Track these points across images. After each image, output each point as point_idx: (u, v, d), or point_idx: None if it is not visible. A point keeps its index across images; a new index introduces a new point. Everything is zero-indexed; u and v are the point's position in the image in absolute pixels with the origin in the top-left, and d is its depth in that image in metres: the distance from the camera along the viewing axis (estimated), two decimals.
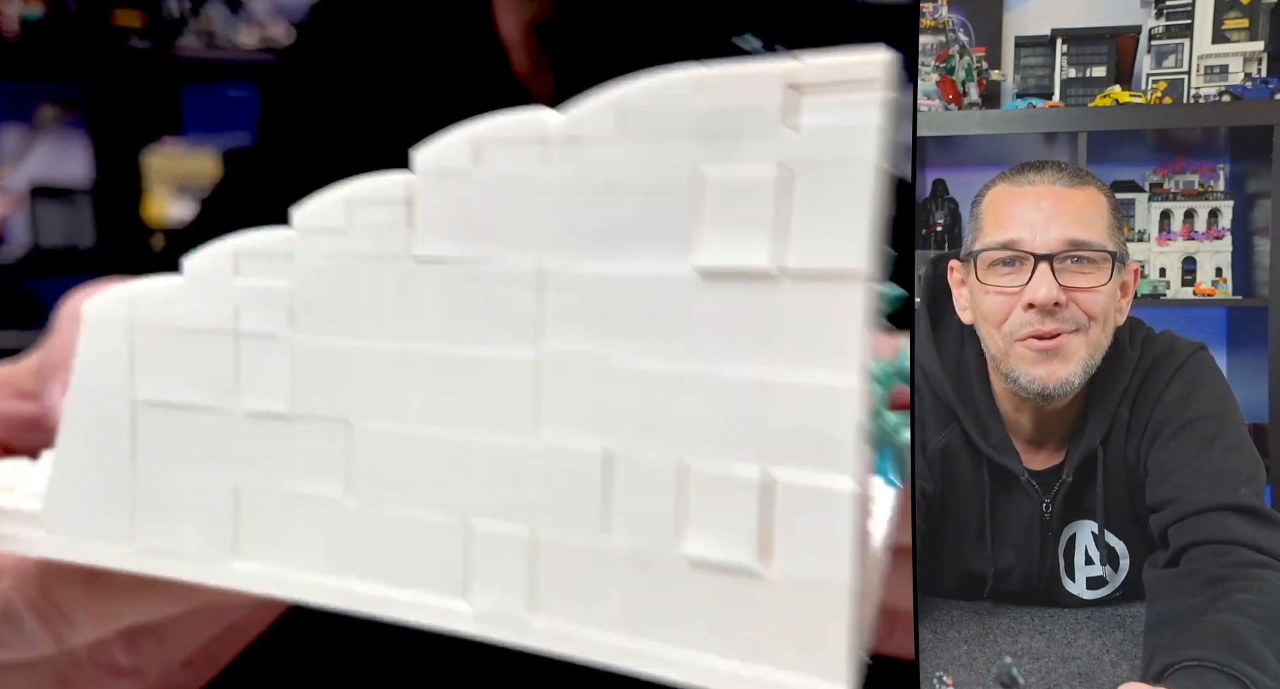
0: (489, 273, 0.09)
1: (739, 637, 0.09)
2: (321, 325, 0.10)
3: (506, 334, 0.09)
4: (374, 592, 0.10)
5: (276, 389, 0.10)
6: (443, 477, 0.10)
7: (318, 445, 0.10)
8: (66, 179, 1.64)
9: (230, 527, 0.11)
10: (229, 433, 0.11)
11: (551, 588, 0.09)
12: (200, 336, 0.11)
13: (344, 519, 0.10)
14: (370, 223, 0.10)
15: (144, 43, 1.58)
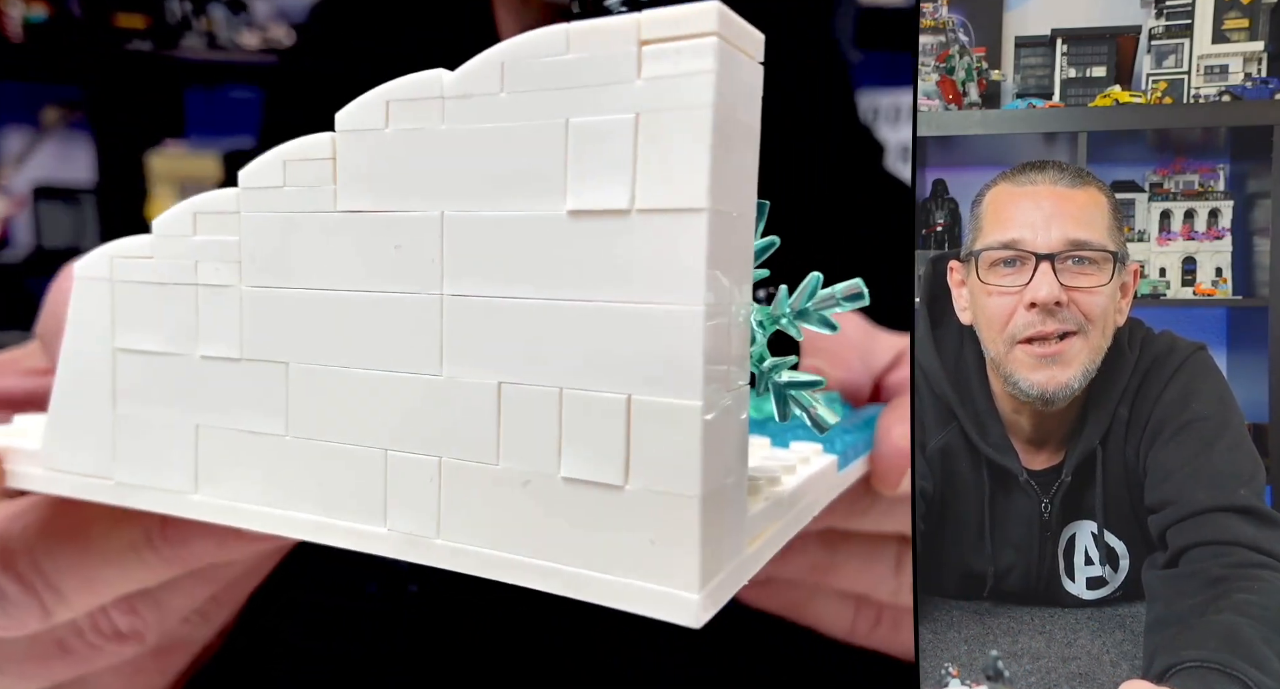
0: (399, 221, 0.10)
1: (608, 550, 0.09)
2: (263, 275, 0.11)
3: (414, 278, 0.10)
4: (310, 519, 0.11)
5: (228, 335, 0.11)
6: (364, 412, 0.11)
7: (262, 386, 0.11)
8: (70, 180, 1.64)
9: (192, 462, 0.12)
10: (189, 376, 0.12)
11: (453, 511, 0.10)
12: (166, 289, 0.12)
13: (284, 453, 0.11)
14: (302, 179, 0.11)
15: (147, 45, 1.57)
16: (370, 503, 0.11)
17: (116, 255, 0.12)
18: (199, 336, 0.12)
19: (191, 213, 0.12)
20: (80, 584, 0.14)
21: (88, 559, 0.14)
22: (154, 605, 0.15)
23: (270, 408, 0.11)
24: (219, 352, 0.11)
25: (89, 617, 0.15)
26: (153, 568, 0.14)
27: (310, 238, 0.11)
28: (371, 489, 0.11)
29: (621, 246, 0.09)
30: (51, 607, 0.14)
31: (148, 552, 0.14)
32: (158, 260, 0.12)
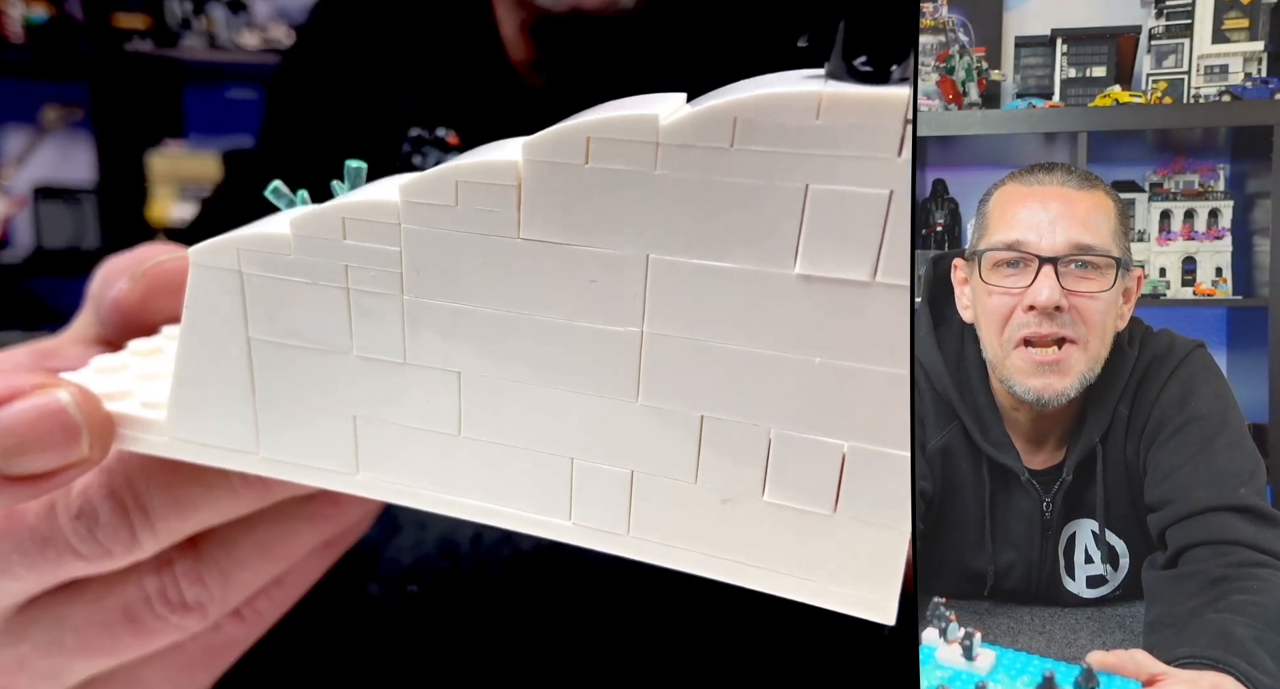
0: (595, 257, 0.10)
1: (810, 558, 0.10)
2: (430, 289, 0.11)
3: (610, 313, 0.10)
4: (486, 506, 0.11)
5: (388, 341, 0.11)
6: (549, 424, 0.11)
7: (430, 390, 0.11)
8: (70, 180, 1.65)
9: (351, 447, 0.12)
10: (343, 373, 0.12)
11: (644, 514, 0.11)
12: (313, 288, 0.11)
13: (456, 449, 0.11)
14: (478, 204, 0.11)
15: (147, 45, 1.59)
16: (553, 500, 0.11)
17: (246, 248, 0.12)
18: (353, 337, 0.11)
19: (339, 217, 0.11)
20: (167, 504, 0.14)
21: (177, 478, 0.14)
22: (220, 578, 0.15)
23: (440, 410, 0.11)
24: (378, 354, 0.11)
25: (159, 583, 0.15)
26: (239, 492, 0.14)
27: (486, 260, 0.11)
28: (555, 489, 0.11)
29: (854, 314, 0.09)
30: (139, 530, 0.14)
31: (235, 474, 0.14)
32: (299, 257, 0.11)
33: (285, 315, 0.12)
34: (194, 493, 0.14)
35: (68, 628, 0.15)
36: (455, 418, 0.11)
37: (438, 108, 0.39)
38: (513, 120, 0.41)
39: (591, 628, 0.28)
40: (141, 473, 0.14)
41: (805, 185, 0.09)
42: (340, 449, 0.12)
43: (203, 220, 0.47)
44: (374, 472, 0.12)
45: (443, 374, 0.11)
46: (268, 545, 0.16)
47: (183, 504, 0.14)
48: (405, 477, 0.12)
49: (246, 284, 0.12)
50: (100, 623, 0.15)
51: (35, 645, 0.15)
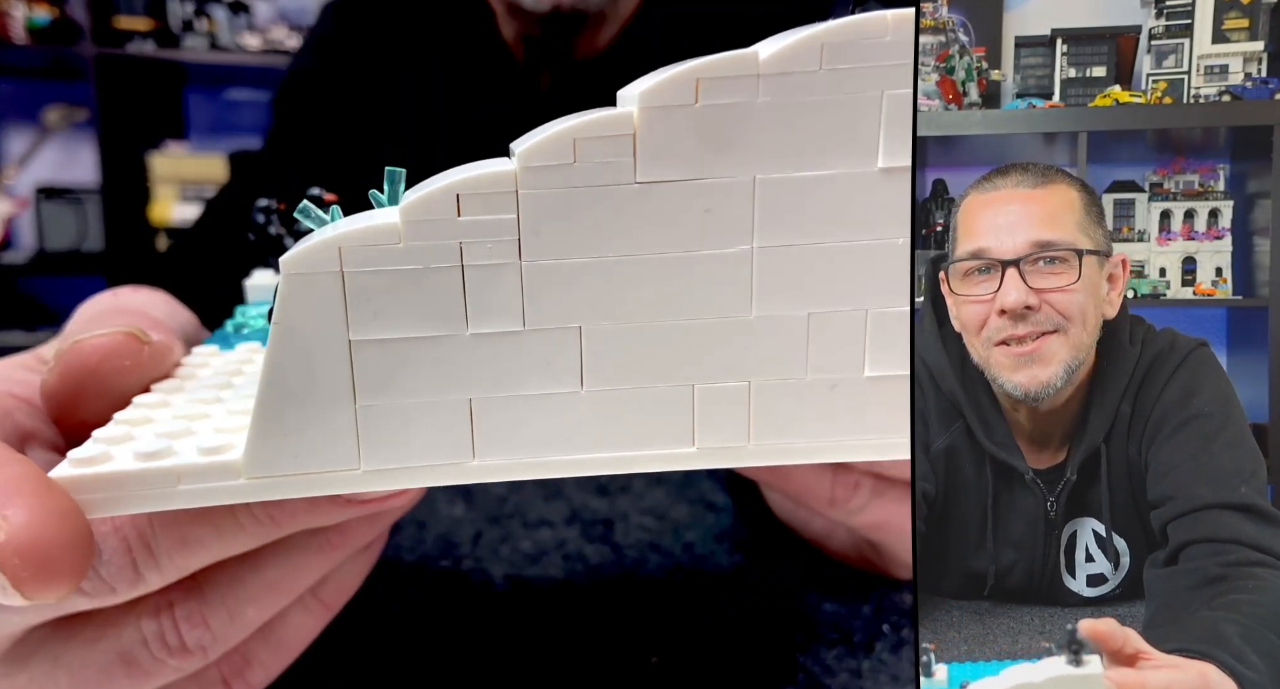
0: (706, 187, 0.12)
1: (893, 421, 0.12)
2: (549, 249, 0.12)
3: (722, 237, 0.12)
4: (612, 456, 0.12)
5: (507, 310, 0.12)
6: (669, 357, 0.12)
7: (551, 352, 0.12)
8: (72, 181, 1.66)
9: (466, 433, 0.12)
10: (457, 355, 0.12)
11: (762, 422, 0.12)
12: (422, 274, 0.12)
13: (578, 407, 0.12)
14: (596, 156, 0.12)
15: (149, 46, 1.59)
16: (678, 430, 0.12)
17: (346, 245, 0.12)
18: (468, 316, 0.12)
19: (454, 194, 0.12)
20: (172, 542, 0.14)
21: (182, 516, 0.14)
22: (226, 618, 0.15)
23: (562, 370, 0.12)
24: (495, 327, 0.12)
25: (157, 626, 0.15)
26: (246, 527, 0.14)
27: (605, 209, 0.12)
28: (679, 418, 0.12)
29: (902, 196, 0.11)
30: (142, 567, 0.14)
31: (242, 510, 0.14)
32: (410, 244, 0.12)
33: (393, 308, 0.12)
34: (201, 532, 0.14)
35: (63, 666, 0.15)
36: (577, 375, 0.12)
37: (438, 108, 0.39)
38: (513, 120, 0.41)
39: (591, 627, 0.28)
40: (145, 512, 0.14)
41: (882, 92, 0.11)
42: (454, 439, 0.12)
43: (206, 220, 0.47)
44: (491, 454, 0.12)
45: (563, 333, 0.12)
46: (274, 582, 0.15)
47: (189, 542, 0.14)
48: (528, 449, 0.12)
49: (349, 283, 0.12)
50: (96, 665, 0.15)
51: (32, 678, 0.15)
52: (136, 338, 0.15)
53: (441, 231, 0.12)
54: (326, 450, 0.12)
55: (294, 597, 0.16)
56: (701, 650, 0.27)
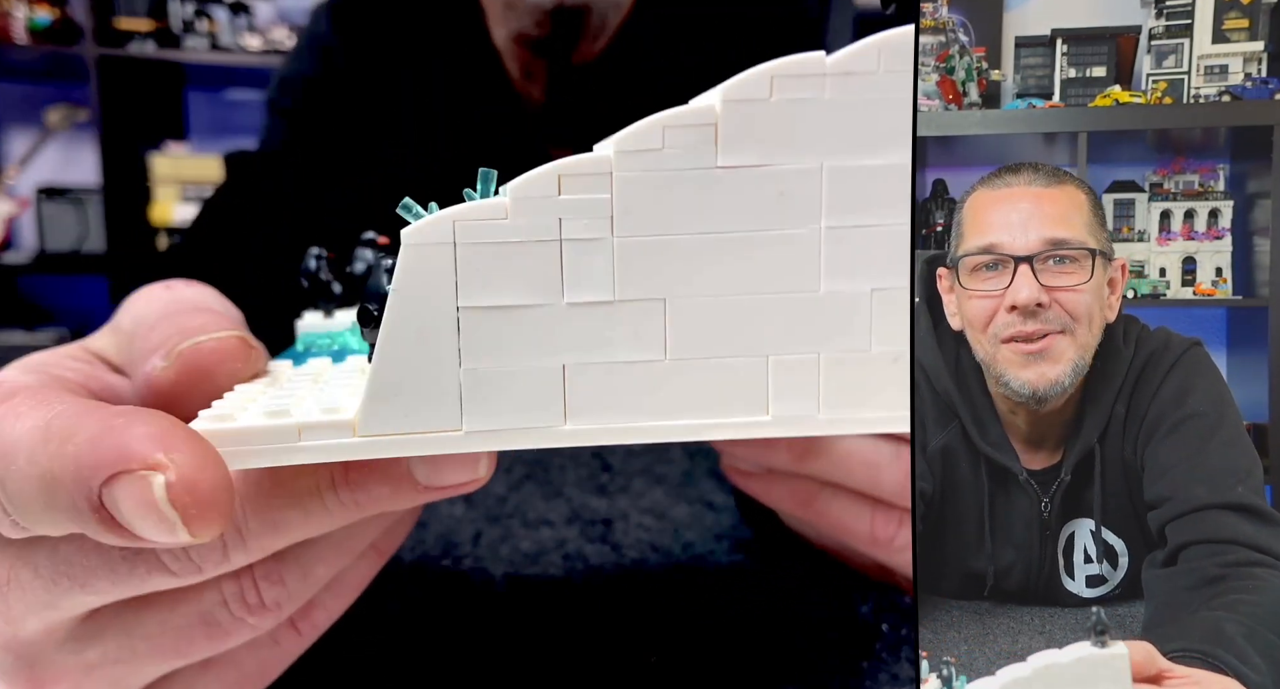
0: (780, 173, 0.13)
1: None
2: (639, 226, 0.13)
3: (794, 218, 0.13)
4: (692, 423, 0.13)
5: (600, 282, 0.13)
6: (746, 329, 0.13)
7: (638, 321, 0.13)
8: (73, 181, 1.66)
9: (559, 398, 0.13)
10: (553, 323, 0.13)
11: (831, 392, 0.13)
12: (525, 247, 0.13)
13: (662, 375, 0.13)
14: (682, 141, 0.13)
15: (150, 47, 1.59)
16: (753, 399, 0.13)
17: (460, 220, 0.13)
18: (564, 286, 0.13)
19: (556, 176, 0.13)
20: (262, 526, 0.15)
21: (273, 502, 0.15)
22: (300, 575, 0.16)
23: (648, 339, 0.13)
24: (589, 297, 0.13)
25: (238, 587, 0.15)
26: (332, 511, 0.15)
27: (689, 190, 0.13)
28: (754, 388, 0.13)
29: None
30: (231, 549, 0.15)
31: (329, 494, 0.15)
32: (515, 220, 0.13)
33: (498, 277, 0.13)
34: (290, 516, 0.14)
35: (139, 636, 0.15)
36: (661, 343, 0.13)
37: (437, 108, 0.39)
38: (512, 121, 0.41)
39: (591, 627, 0.28)
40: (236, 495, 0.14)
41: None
42: (548, 403, 0.13)
43: (203, 220, 0.47)
44: (582, 418, 0.13)
45: (649, 304, 0.13)
46: (338, 542, 0.16)
47: (278, 526, 0.14)
48: (615, 415, 0.13)
49: (460, 254, 0.13)
50: (175, 629, 0.15)
51: (104, 652, 0.15)
52: (247, 342, 0.16)
53: (543, 208, 0.13)
54: (433, 411, 0.13)
55: (354, 555, 0.17)
56: (701, 650, 0.27)
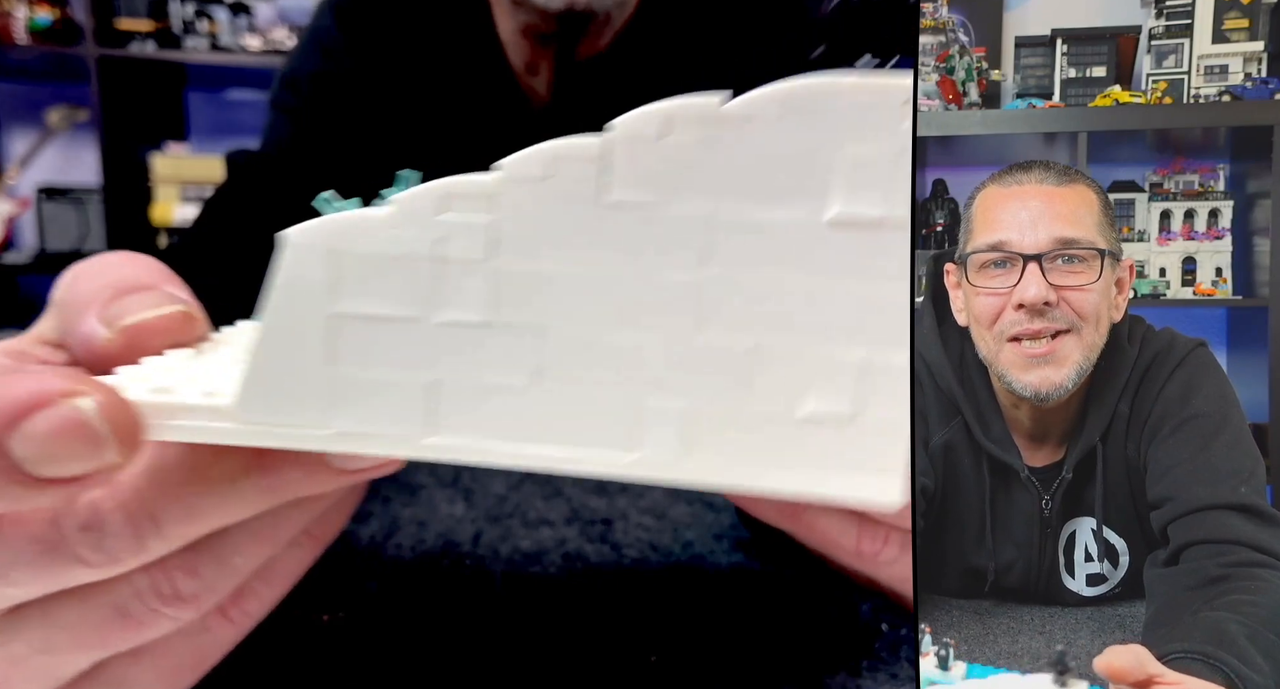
0: (664, 216, 0.12)
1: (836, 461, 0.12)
2: (521, 252, 0.13)
3: (677, 262, 0.12)
4: (559, 453, 0.13)
5: (474, 303, 0.13)
6: (621, 368, 0.13)
7: (511, 347, 0.13)
8: (74, 181, 1.66)
9: (423, 412, 0.13)
10: (424, 339, 0.13)
11: (700, 443, 0.12)
12: (401, 261, 0.13)
13: (533, 402, 0.13)
14: (568, 174, 0.12)
15: (151, 47, 1.59)
16: (620, 437, 0.13)
17: (338, 228, 0.13)
18: (438, 304, 0.13)
19: (441, 194, 0.13)
20: (179, 513, 0.14)
21: (189, 488, 0.15)
22: (216, 566, 0.16)
23: (521, 365, 0.13)
24: (460, 317, 0.13)
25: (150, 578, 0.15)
26: (247, 497, 0.15)
27: (573, 224, 0.13)
28: (620, 426, 0.13)
29: (869, 248, 0.12)
30: (148, 538, 0.14)
31: (243, 480, 0.15)
32: (395, 232, 0.13)
33: (374, 287, 0.13)
34: (205, 502, 0.14)
35: (59, 628, 0.15)
36: (535, 370, 0.13)
37: (442, 104, 0.39)
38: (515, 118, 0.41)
39: (591, 626, 0.28)
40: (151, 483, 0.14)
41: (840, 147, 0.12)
42: (411, 415, 0.13)
43: (205, 219, 0.47)
44: (446, 435, 0.13)
45: (524, 330, 0.13)
46: (258, 532, 0.16)
47: (194, 513, 0.14)
48: (478, 435, 0.13)
49: (340, 261, 0.13)
50: (93, 622, 0.15)
51: (28, 644, 0.15)
52: (191, 316, 0.16)
53: (425, 224, 0.13)
54: (303, 408, 0.13)
55: (279, 546, 0.17)
56: (701, 650, 0.27)
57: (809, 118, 0.12)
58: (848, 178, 0.12)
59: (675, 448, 0.12)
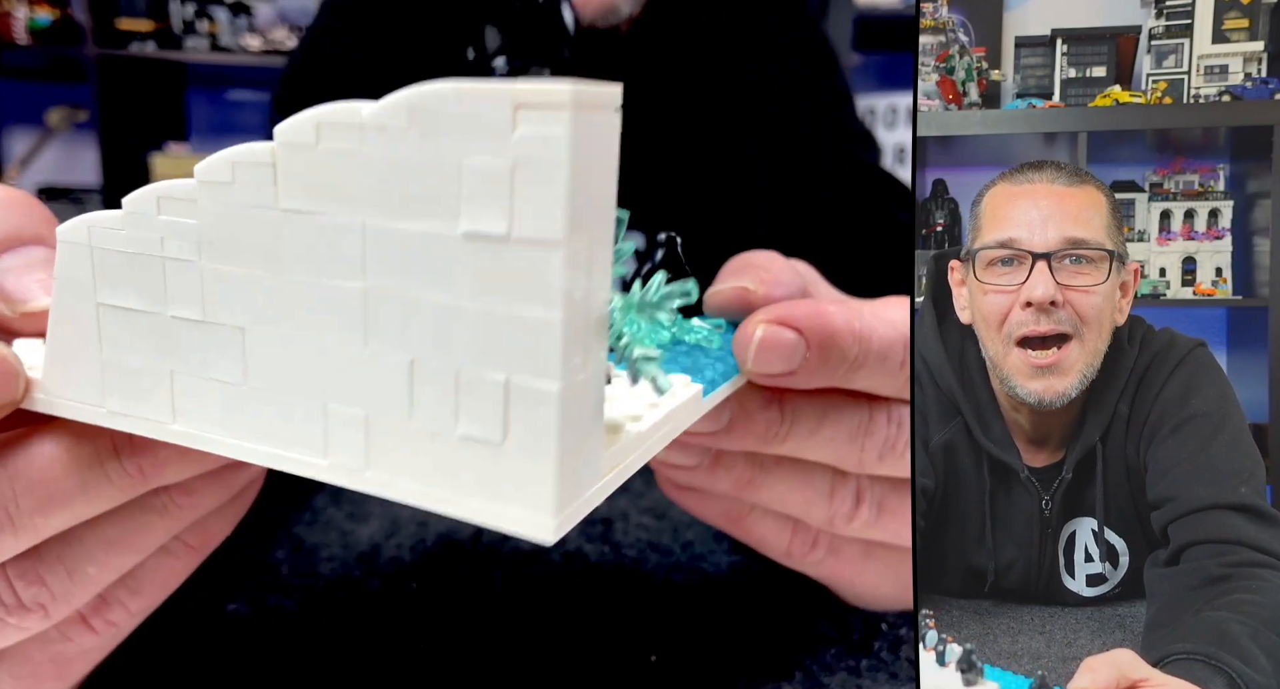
0: (328, 224, 0.12)
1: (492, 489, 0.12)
2: (219, 256, 0.13)
3: (343, 272, 0.12)
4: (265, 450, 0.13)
5: (192, 301, 0.14)
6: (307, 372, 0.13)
7: (223, 344, 0.14)
8: (74, 181, 1.67)
9: (169, 399, 0.14)
10: (163, 331, 0.14)
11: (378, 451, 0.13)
12: (137, 259, 0.14)
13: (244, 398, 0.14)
14: (248, 179, 0.13)
15: (151, 48, 1.60)
16: (315, 441, 0.13)
17: (93, 225, 0.14)
18: (168, 300, 0.14)
19: (156, 196, 0.14)
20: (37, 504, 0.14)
21: (48, 473, 0.15)
22: (64, 576, 0.15)
23: (231, 361, 0.13)
24: (185, 314, 0.14)
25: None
26: (114, 481, 0.15)
27: (257, 228, 0.13)
28: (315, 431, 0.13)
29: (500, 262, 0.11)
30: None
31: (111, 463, 0.15)
32: (128, 233, 0.14)
33: (121, 282, 0.14)
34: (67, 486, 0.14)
35: None
36: (242, 368, 0.13)
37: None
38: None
39: (590, 626, 0.28)
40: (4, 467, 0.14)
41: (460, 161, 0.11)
42: (162, 401, 0.14)
43: None
44: (186, 422, 0.14)
45: (230, 330, 0.13)
46: (115, 540, 0.15)
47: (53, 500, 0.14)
48: (207, 426, 0.14)
49: (95, 257, 0.14)
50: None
51: None
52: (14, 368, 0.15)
53: (148, 225, 0.14)
54: (84, 387, 0.15)
55: (141, 555, 0.16)
56: (700, 649, 0.27)
57: (431, 127, 0.11)
58: (473, 191, 0.11)
59: (360, 456, 0.13)
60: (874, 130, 0.21)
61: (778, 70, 0.46)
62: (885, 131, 1.38)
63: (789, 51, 0.44)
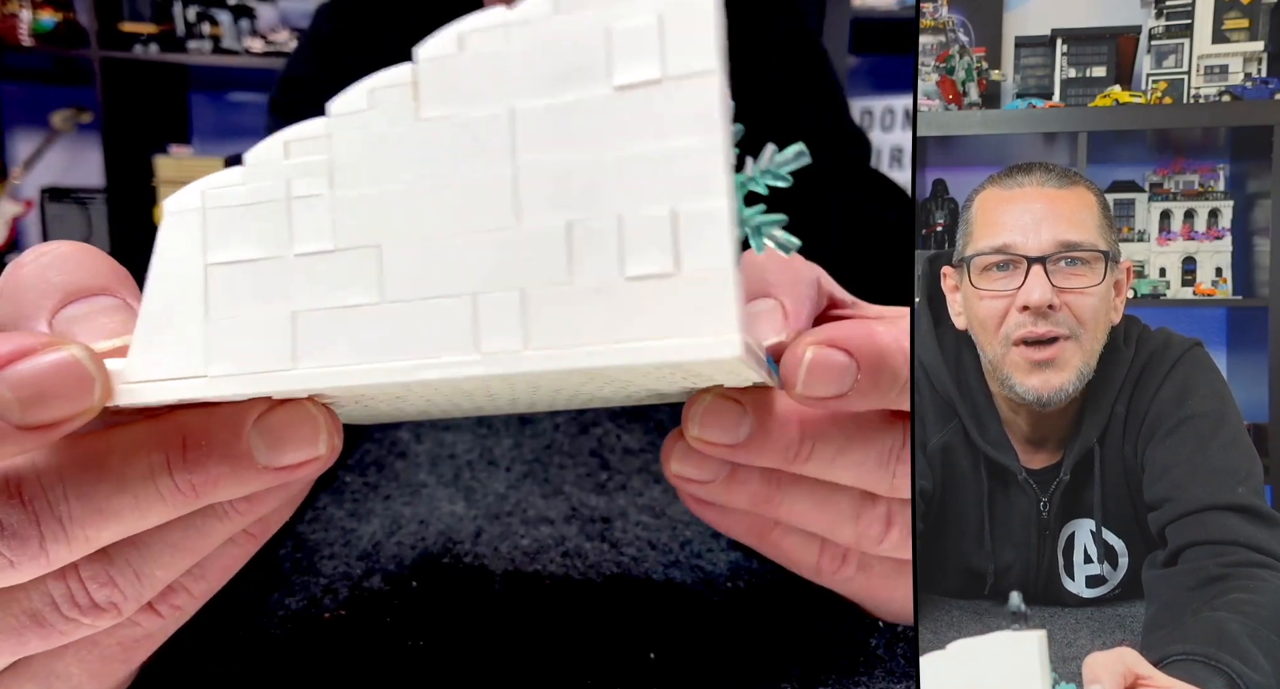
0: (472, 120, 0.13)
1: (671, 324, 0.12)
2: (355, 181, 0.14)
3: (491, 159, 0.13)
4: (407, 364, 0.14)
5: (322, 233, 0.14)
6: (452, 269, 0.13)
7: (356, 267, 0.14)
8: (78, 183, 1.67)
9: (288, 343, 0.14)
10: (284, 273, 0.14)
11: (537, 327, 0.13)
12: (259, 207, 0.15)
13: (379, 317, 0.14)
14: (387, 99, 0.14)
15: (154, 50, 1.60)
16: (463, 338, 0.13)
17: (208, 188, 0.15)
18: (294, 239, 0.14)
19: (283, 142, 0.15)
20: (88, 514, 0.14)
21: (100, 487, 0.15)
22: (133, 578, 0.15)
23: (366, 283, 0.14)
24: (312, 247, 0.14)
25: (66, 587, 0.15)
26: (166, 497, 0.15)
27: (395, 144, 0.14)
28: (463, 327, 0.13)
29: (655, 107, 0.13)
30: (48, 541, 0.14)
31: (163, 478, 0.15)
32: (250, 185, 0.15)
33: (238, 235, 0.15)
34: (119, 502, 0.14)
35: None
36: (377, 287, 0.14)
37: None
38: None
39: (590, 624, 0.28)
40: (59, 479, 0.14)
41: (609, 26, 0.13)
42: (279, 348, 0.14)
43: None
44: (310, 362, 0.14)
45: (365, 251, 0.14)
46: (178, 543, 0.16)
47: (104, 513, 0.14)
48: (340, 357, 0.14)
49: (208, 219, 0.15)
50: (8, 626, 0.15)
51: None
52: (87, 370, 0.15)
53: (272, 171, 0.14)
54: (183, 358, 0.14)
55: (201, 556, 0.16)
56: (699, 648, 0.27)
57: (575, 4, 0.13)
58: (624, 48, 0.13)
59: (517, 339, 0.13)
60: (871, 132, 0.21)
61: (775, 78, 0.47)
62: (882, 133, 1.38)
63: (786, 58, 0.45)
